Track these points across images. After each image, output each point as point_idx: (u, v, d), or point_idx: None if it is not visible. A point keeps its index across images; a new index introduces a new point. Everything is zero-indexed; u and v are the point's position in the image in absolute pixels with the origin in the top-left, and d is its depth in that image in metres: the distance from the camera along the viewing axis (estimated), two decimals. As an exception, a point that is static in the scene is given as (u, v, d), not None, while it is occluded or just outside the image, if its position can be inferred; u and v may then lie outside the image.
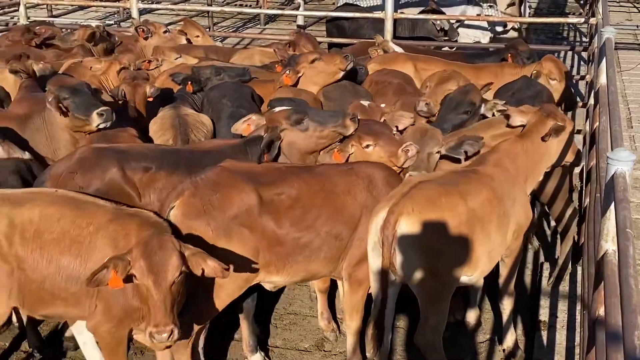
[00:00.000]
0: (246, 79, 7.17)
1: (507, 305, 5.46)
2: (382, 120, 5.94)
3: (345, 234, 4.90)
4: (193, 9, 16.43)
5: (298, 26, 14.73)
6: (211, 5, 16.50)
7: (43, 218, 4.31)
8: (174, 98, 7.03)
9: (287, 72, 7.11)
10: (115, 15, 17.55)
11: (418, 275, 4.64)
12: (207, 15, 16.34)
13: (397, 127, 5.92)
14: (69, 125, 5.91)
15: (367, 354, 5.10)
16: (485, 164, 5.11)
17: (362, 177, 5.03)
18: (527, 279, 6.64)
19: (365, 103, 6.27)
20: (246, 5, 19.75)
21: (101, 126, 5.74)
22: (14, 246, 4.25)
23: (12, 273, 4.29)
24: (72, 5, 16.57)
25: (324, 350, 5.68)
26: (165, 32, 9.17)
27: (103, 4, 17.25)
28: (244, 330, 5.42)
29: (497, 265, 5.26)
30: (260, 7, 18.50)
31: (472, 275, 4.82)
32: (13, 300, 4.37)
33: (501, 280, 5.41)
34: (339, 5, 14.08)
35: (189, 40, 9.56)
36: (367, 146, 5.46)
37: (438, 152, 5.47)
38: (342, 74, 7.14)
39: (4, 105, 7.02)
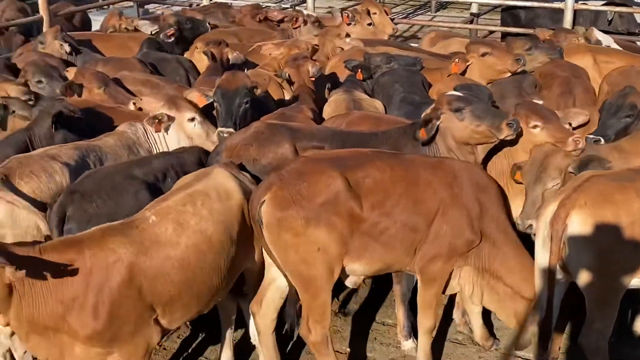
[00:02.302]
0: (417, 68, 7.24)
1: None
2: None
3: (421, 226, 4.80)
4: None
5: (472, 14, 14.54)
6: (383, -9, 16.66)
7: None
8: (345, 82, 7.27)
9: (457, 60, 7.17)
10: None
11: (587, 274, 4.51)
12: (379, 1, 16.49)
13: (570, 123, 5.87)
14: None
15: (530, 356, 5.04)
16: None
17: (447, 172, 4.93)
18: None
19: (539, 102, 6.14)
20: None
21: None
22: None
23: None
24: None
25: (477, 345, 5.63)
26: (369, 23, 9.34)
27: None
28: (400, 316, 5.52)
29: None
30: (432, -7, 18.43)
31: None
32: None
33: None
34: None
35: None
36: (535, 127, 5.41)
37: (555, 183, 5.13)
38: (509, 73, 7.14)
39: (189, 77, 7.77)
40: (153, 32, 8.95)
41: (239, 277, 4.94)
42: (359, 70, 7.18)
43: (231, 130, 5.90)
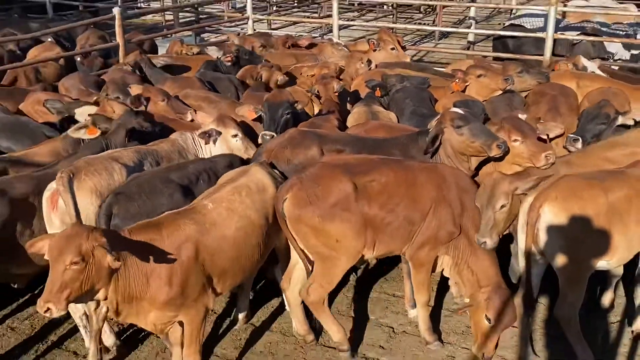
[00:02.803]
0: (425, 87, 7.26)
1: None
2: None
3: (417, 221, 4.80)
4: (382, 25, 16.55)
5: (468, 42, 14.49)
6: (395, 23, 16.60)
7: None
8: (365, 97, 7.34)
9: (457, 80, 7.18)
10: (319, 30, 18.09)
11: (559, 257, 4.53)
12: (391, 31, 16.42)
13: (547, 135, 5.85)
14: None
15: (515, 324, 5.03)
16: (636, 167, 4.86)
17: (439, 175, 4.93)
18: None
19: (522, 116, 6.08)
20: (424, 24, 19.63)
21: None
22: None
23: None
24: (286, 21, 17.41)
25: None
26: (392, 48, 9.33)
27: (310, 20, 17.90)
28: (406, 289, 5.55)
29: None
30: (436, 25, 18.34)
31: (610, 261, 4.61)
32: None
33: (639, 269, 5.12)
34: (505, 25, 13.71)
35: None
36: (515, 140, 5.36)
37: (503, 206, 4.85)
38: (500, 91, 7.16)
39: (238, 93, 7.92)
40: (220, 57, 9.02)
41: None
42: (377, 88, 7.22)
43: (273, 134, 5.99)
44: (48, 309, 3.53)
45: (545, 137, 5.90)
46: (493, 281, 4.81)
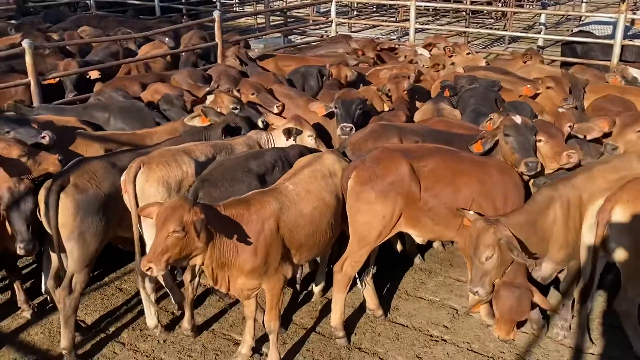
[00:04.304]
0: (494, 89, 7.05)
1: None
2: (568, 126, 5.66)
3: (464, 203, 4.61)
4: (455, 29, 16.23)
5: (538, 47, 13.95)
6: (468, 28, 16.22)
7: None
8: (436, 96, 7.22)
9: (529, 85, 6.89)
10: (395, 32, 17.89)
11: (624, 253, 4.32)
12: (464, 34, 16.10)
13: (585, 136, 5.62)
14: None
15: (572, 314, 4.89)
16: None
17: (485, 169, 4.74)
18: None
19: (560, 110, 5.85)
20: (495, 28, 19.05)
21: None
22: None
23: None
24: (365, 24, 17.32)
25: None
26: (467, 53, 9.10)
27: (387, 23, 17.72)
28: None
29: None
30: (506, 30, 17.76)
31: None
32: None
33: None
34: (574, 31, 13.10)
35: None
36: (539, 140, 5.14)
37: (488, 257, 4.38)
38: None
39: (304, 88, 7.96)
40: None
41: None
42: (447, 89, 7.08)
43: (351, 125, 6.00)
44: (150, 268, 3.72)
45: (581, 136, 5.71)
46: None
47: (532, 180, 5.18)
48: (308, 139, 5.80)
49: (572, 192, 4.64)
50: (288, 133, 5.72)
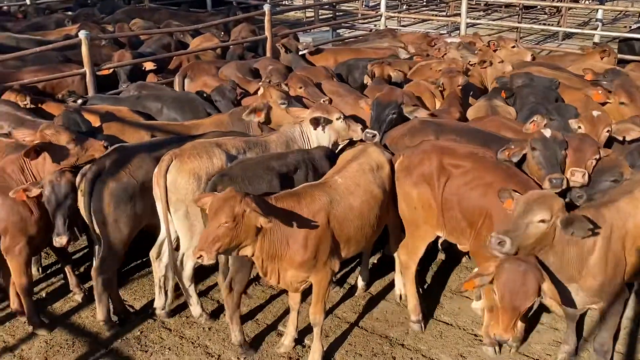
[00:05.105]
0: (553, 87, 6.81)
1: None
2: (606, 130, 5.24)
3: (479, 213, 4.48)
4: (507, 25, 15.91)
5: (594, 44, 13.50)
6: (520, 23, 15.85)
7: None
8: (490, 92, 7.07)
9: (600, 90, 6.27)
10: (445, 27, 17.63)
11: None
12: (516, 30, 15.74)
13: (624, 137, 5.22)
14: None
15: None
16: None
17: (506, 179, 4.46)
18: None
19: (595, 113, 5.39)
20: (549, 24, 18.55)
21: None
22: None
23: None
24: (414, 18, 17.11)
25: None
26: (513, 47, 8.79)
27: (437, 18, 17.49)
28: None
29: None
30: (560, 26, 17.26)
31: None
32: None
33: None
34: (632, 28, 12.63)
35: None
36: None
37: (542, 220, 3.87)
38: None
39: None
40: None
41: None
42: (503, 90, 6.79)
43: (375, 132, 5.69)
44: (201, 256, 3.78)
45: (621, 138, 5.26)
46: None
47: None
48: (337, 122, 5.61)
49: (617, 217, 4.08)
50: (316, 122, 5.58)
